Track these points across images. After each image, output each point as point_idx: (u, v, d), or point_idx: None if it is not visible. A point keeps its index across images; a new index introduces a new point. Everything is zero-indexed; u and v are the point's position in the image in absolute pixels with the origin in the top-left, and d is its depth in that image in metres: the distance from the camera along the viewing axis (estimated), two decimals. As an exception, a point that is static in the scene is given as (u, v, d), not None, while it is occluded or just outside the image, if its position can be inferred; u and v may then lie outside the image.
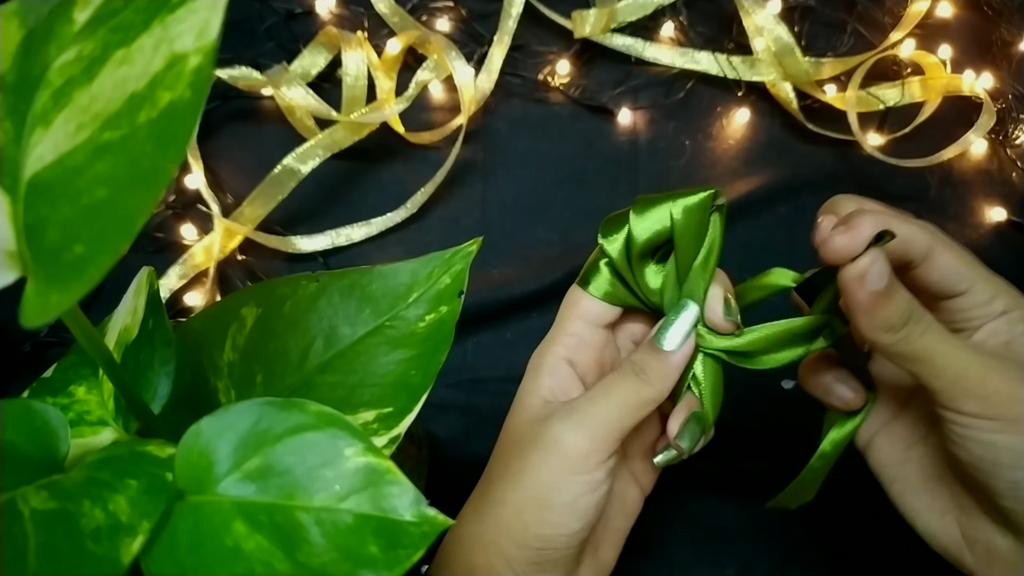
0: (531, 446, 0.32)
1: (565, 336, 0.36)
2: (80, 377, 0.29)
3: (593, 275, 0.36)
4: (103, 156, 0.18)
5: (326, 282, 0.30)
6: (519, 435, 0.34)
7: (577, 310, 0.36)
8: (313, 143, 0.51)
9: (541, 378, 0.35)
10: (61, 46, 0.20)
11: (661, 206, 0.34)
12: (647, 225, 0.34)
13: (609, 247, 0.35)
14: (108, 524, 0.20)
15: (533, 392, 0.35)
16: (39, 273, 0.17)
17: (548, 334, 0.37)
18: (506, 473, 0.33)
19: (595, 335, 0.36)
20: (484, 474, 0.35)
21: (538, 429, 0.33)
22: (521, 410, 0.35)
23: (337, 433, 0.21)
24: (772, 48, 0.52)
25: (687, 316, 0.34)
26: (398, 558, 0.20)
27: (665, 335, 0.34)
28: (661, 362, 0.33)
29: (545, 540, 0.31)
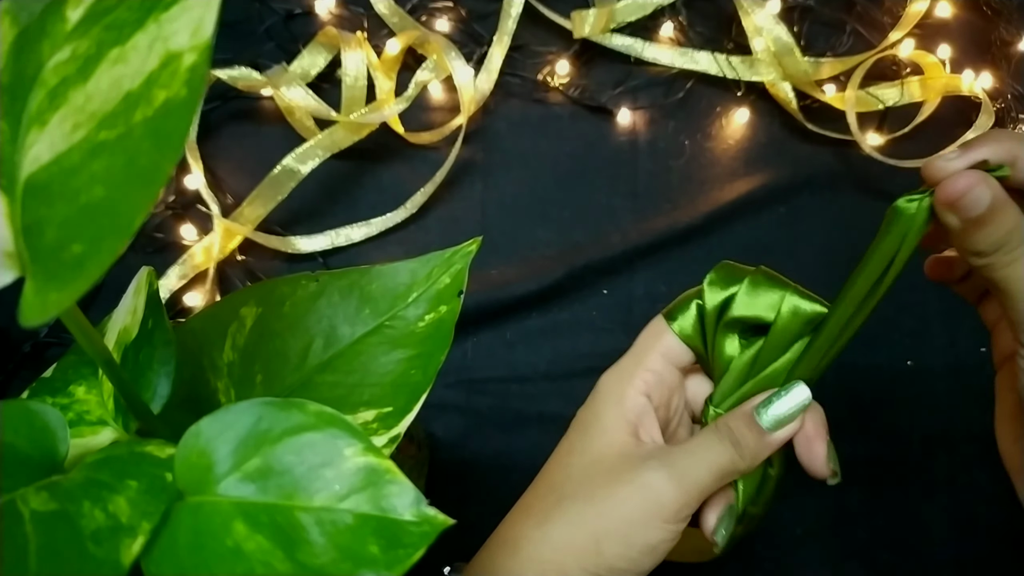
0: (622, 481, 0.32)
1: (647, 371, 0.35)
2: (80, 377, 0.29)
3: (681, 312, 0.36)
4: (100, 155, 0.18)
5: (326, 282, 0.30)
6: (607, 464, 0.33)
7: (660, 345, 0.36)
8: (313, 143, 0.51)
9: (627, 412, 0.34)
10: (55, 45, 0.20)
11: (774, 293, 0.34)
12: (755, 306, 0.34)
13: (709, 296, 0.35)
14: (108, 525, 0.20)
15: (618, 424, 0.34)
16: (37, 273, 0.17)
17: (626, 362, 0.36)
18: (588, 497, 0.33)
19: (672, 376, 0.36)
20: (549, 490, 0.35)
21: (631, 467, 0.33)
22: (607, 440, 0.34)
23: (337, 433, 0.21)
24: (771, 48, 0.52)
25: (795, 397, 0.33)
26: (398, 558, 0.20)
27: (767, 411, 0.33)
28: (758, 440, 0.33)
29: (616, 573, 0.32)
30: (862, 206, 0.53)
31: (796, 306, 0.34)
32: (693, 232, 0.52)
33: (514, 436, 0.50)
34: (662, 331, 0.36)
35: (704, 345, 0.35)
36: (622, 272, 0.52)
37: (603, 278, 0.52)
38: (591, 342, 0.51)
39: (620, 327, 0.51)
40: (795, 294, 0.34)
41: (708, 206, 0.52)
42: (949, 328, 0.51)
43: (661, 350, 0.36)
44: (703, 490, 0.32)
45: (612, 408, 0.35)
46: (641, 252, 0.52)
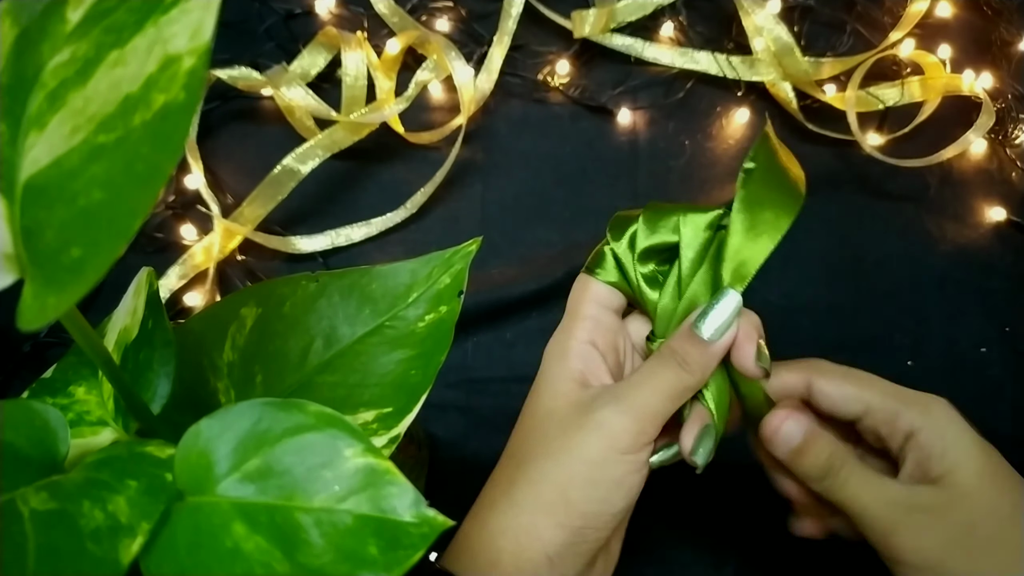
0: (575, 427, 0.33)
1: (583, 319, 0.36)
2: (80, 377, 0.29)
3: (600, 263, 0.37)
4: (98, 158, 0.18)
5: (326, 282, 0.30)
6: (558, 417, 0.34)
7: (589, 294, 0.36)
8: (313, 143, 0.51)
9: (570, 362, 0.35)
10: (55, 46, 0.20)
11: (670, 217, 0.36)
12: (655, 234, 0.36)
13: (616, 245, 0.36)
14: (108, 525, 0.20)
15: (563, 376, 0.35)
16: (36, 276, 0.17)
17: (563, 322, 0.37)
18: (546, 452, 0.33)
19: (609, 318, 0.36)
20: (509, 459, 0.35)
21: (582, 412, 0.33)
22: (554, 394, 0.35)
23: (337, 434, 0.21)
24: (772, 48, 0.52)
25: (727, 304, 0.34)
26: (398, 559, 0.20)
27: (703, 322, 0.33)
28: (702, 352, 0.33)
29: (589, 518, 0.32)
30: (862, 206, 0.53)
31: (693, 219, 0.35)
32: (693, 232, 0.52)
33: (514, 436, 0.50)
34: (587, 283, 0.37)
35: (631, 287, 0.36)
36: (622, 272, 0.52)
37: (603, 278, 0.52)
38: (591, 342, 0.51)
39: (620, 327, 0.51)
40: (688, 210, 0.35)
41: (708, 206, 0.52)
42: (949, 328, 0.51)
43: (591, 298, 0.36)
44: (656, 414, 0.33)
45: (556, 364, 0.35)
46: (641, 252, 0.52)
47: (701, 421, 0.34)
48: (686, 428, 0.34)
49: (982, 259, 0.52)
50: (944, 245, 0.52)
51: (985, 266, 0.52)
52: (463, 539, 0.34)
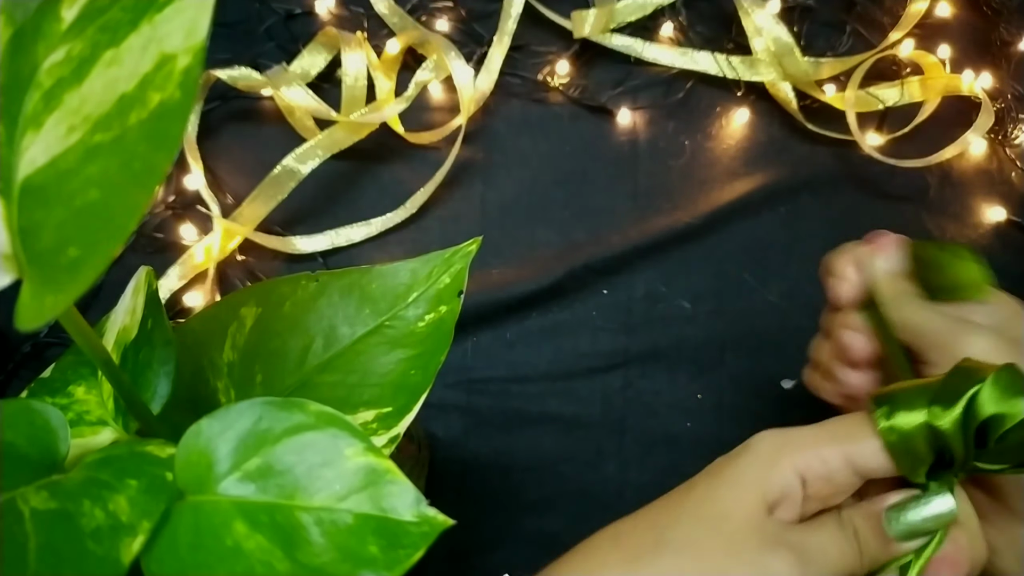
0: (742, 560, 0.28)
1: (815, 456, 0.29)
2: (79, 377, 0.29)
3: (902, 411, 0.28)
4: (95, 158, 0.18)
5: (326, 282, 0.30)
6: (727, 528, 0.29)
7: (850, 448, 0.29)
8: (313, 143, 0.51)
9: (771, 478, 0.29)
10: (50, 45, 0.20)
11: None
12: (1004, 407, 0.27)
13: (941, 420, 0.27)
14: (108, 524, 0.20)
15: (756, 487, 0.29)
16: (34, 276, 0.17)
17: (802, 431, 0.30)
18: (697, 556, 0.28)
19: (847, 481, 0.29)
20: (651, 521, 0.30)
21: (756, 545, 0.28)
22: (736, 499, 0.29)
23: (337, 433, 0.21)
24: (771, 48, 0.52)
25: (937, 509, 0.28)
26: (398, 558, 0.20)
27: (899, 518, 0.28)
28: (881, 548, 0.29)
29: None
30: (862, 206, 0.53)
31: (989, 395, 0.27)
32: (693, 232, 0.52)
33: (514, 436, 0.50)
34: (859, 432, 0.29)
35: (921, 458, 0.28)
36: (622, 272, 0.52)
37: (603, 278, 0.52)
38: (591, 342, 0.51)
39: (620, 327, 0.51)
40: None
41: (708, 206, 0.52)
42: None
43: (849, 452, 0.29)
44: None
45: (757, 468, 0.29)
46: (641, 252, 0.52)
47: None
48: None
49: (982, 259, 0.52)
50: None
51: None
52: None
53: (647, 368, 0.51)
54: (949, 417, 0.27)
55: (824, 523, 0.29)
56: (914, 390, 0.29)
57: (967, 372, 0.28)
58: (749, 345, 0.51)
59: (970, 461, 0.28)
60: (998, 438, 0.27)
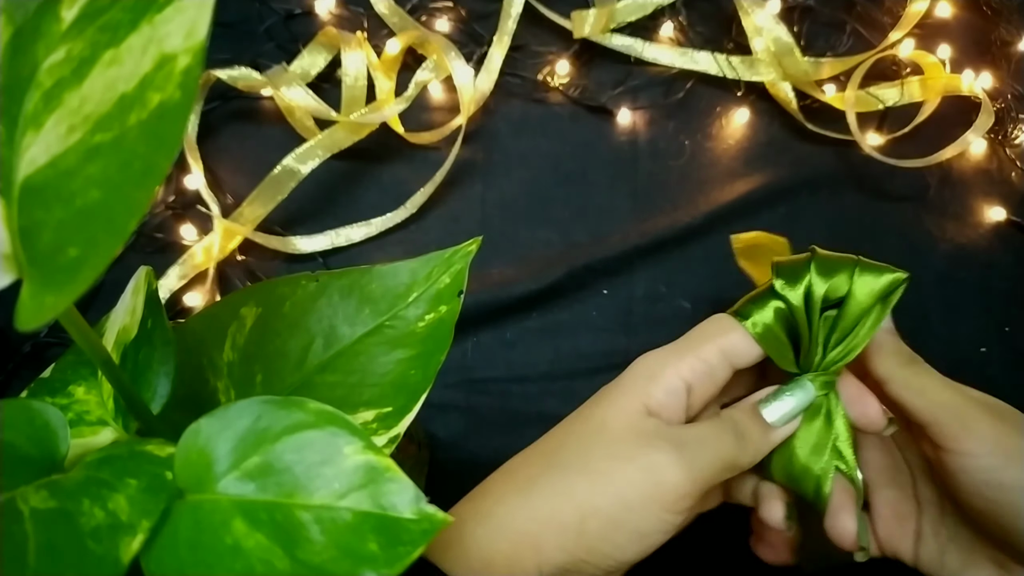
0: (623, 458, 0.30)
1: (696, 360, 0.32)
2: (79, 377, 0.29)
3: (756, 310, 0.33)
4: (95, 158, 0.18)
5: (326, 282, 0.30)
6: (610, 435, 0.31)
7: (723, 341, 0.33)
8: (313, 143, 0.51)
9: (654, 388, 0.32)
10: (50, 45, 0.20)
11: (843, 272, 0.33)
12: (828, 282, 0.33)
13: (788, 293, 0.33)
14: (108, 523, 0.20)
15: (637, 395, 0.32)
16: (34, 276, 0.17)
17: (674, 345, 0.33)
18: (582, 468, 0.30)
19: (725, 374, 0.33)
20: (538, 455, 0.32)
21: (637, 443, 0.30)
22: (618, 409, 0.31)
23: (336, 431, 0.21)
24: (771, 48, 0.52)
25: (800, 397, 0.32)
26: (398, 555, 0.20)
27: (770, 406, 0.32)
28: (761, 435, 0.31)
29: (595, 555, 0.29)
30: (862, 206, 0.53)
31: (869, 285, 0.33)
32: (693, 232, 0.52)
33: (514, 436, 0.49)
34: (729, 328, 0.33)
35: (784, 343, 0.33)
36: (622, 272, 0.52)
37: (603, 278, 0.52)
38: (591, 342, 0.51)
39: (620, 327, 0.51)
40: (865, 270, 0.33)
41: (708, 206, 0.52)
42: (949, 328, 0.51)
43: (724, 345, 0.32)
44: (707, 482, 0.30)
45: (636, 383, 0.32)
46: (641, 252, 0.52)
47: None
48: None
49: (982, 259, 0.52)
50: (944, 245, 0.52)
51: (985, 266, 0.52)
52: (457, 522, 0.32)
53: (647, 368, 0.51)
54: (795, 294, 0.33)
55: (704, 419, 0.32)
56: (761, 293, 0.34)
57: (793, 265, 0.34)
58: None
59: (816, 339, 0.33)
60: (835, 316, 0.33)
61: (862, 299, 0.33)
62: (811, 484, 0.33)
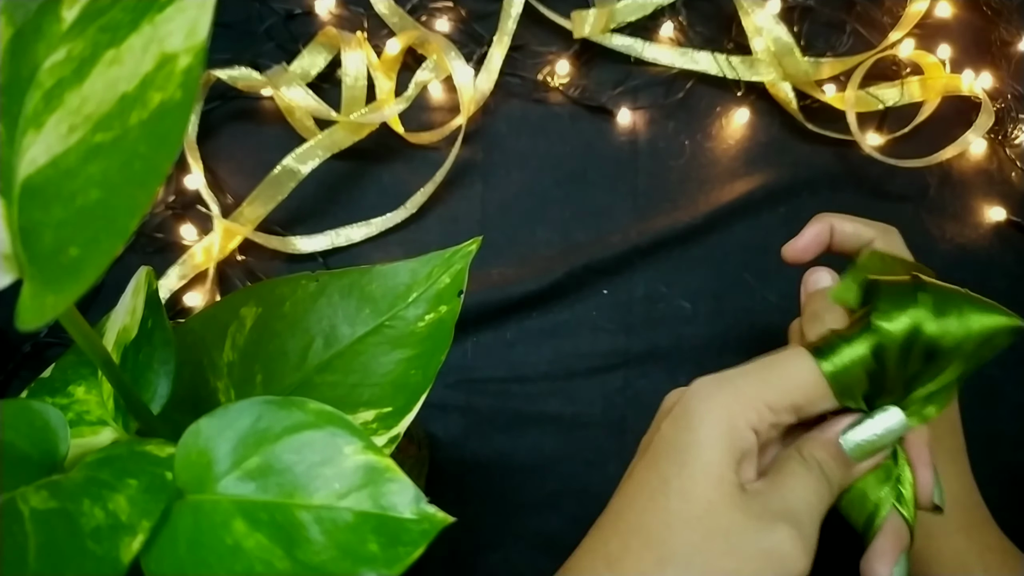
0: (747, 553, 0.27)
1: (766, 408, 0.29)
2: (79, 377, 0.29)
3: (837, 353, 0.29)
4: (95, 158, 0.18)
5: (326, 282, 0.30)
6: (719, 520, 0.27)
7: (798, 391, 0.29)
8: (313, 143, 0.51)
9: (732, 443, 0.28)
10: (51, 46, 0.20)
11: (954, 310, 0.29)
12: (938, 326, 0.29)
13: (887, 325, 0.29)
14: (108, 523, 0.20)
15: (725, 462, 0.28)
16: (35, 276, 0.17)
17: (743, 382, 0.29)
18: (705, 569, 0.27)
19: (789, 421, 0.30)
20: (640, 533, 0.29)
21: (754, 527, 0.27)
22: (712, 482, 0.28)
23: (336, 431, 0.21)
24: (771, 48, 0.52)
25: (886, 423, 0.29)
26: (398, 556, 0.20)
27: (853, 436, 0.29)
28: (844, 472, 0.29)
29: None
30: (862, 206, 0.53)
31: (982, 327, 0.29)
32: (693, 232, 0.52)
33: (514, 436, 0.50)
34: (806, 374, 0.29)
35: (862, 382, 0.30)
36: (622, 272, 0.52)
37: (603, 278, 0.52)
38: (591, 342, 0.51)
39: (620, 327, 0.51)
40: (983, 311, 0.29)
41: (708, 206, 0.52)
42: (949, 328, 0.51)
43: (798, 396, 0.29)
44: (814, 543, 0.28)
45: (718, 439, 0.28)
46: (641, 252, 0.52)
47: (898, 542, 0.29)
48: (879, 553, 0.29)
49: (982, 259, 0.52)
50: (944, 245, 0.52)
51: (985, 266, 0.52)
52: None
53: (647, 368, 0.51)
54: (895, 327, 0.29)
55: (792, 470, 0.29)
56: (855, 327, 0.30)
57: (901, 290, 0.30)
58: (749, 345, 0.51)
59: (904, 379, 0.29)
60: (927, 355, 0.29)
61: (968, 345, 0.29)
62: (863, 514, 0.30)
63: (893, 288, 0.30)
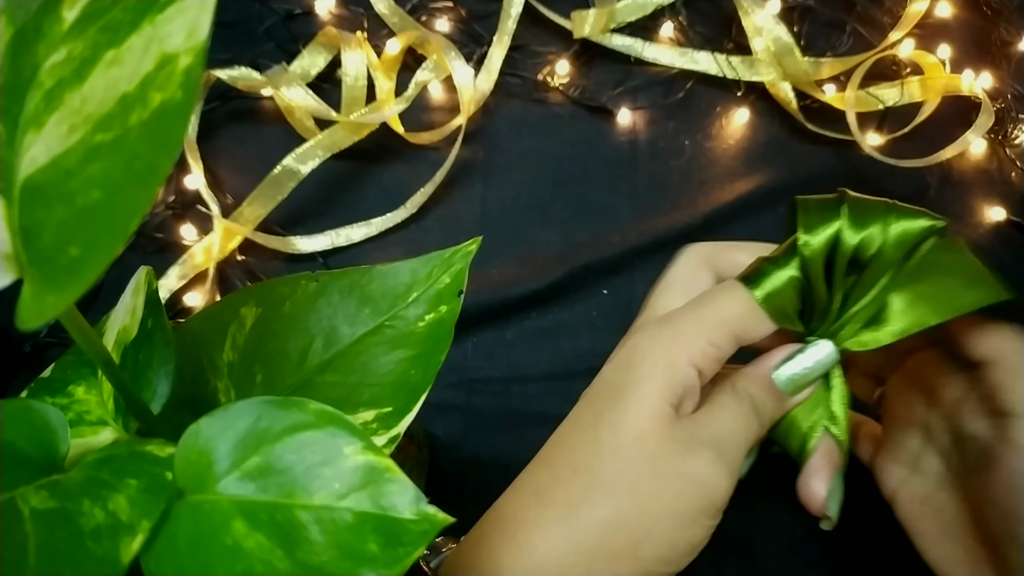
0: (671, 474, 0.28)
1: (707, 344, 0.29)
2: (79, 377, 0.29)
3: (767, 277, 0.30)
4: (96, 158, 0.18)
5: (326, 282, 0.30)
6: (649, 446, 0.28)
7: (734, 323, 0.30)
8: (313, 143, 0.51)
9: (673, 381, 0.29)
10: (51, 45, 0.20)
11: (877, 221, 0.30)
12: (861, 232, 0.29)
13: (810, 240, 0.29)
14: (108, 523, 0.20)
15: (661, 396, 0.29)
16: (35, 275, 0.17)
17: (681, 321, 0.30)
18: (632, 492, 0.28)
19: (732, 352, 0.30)
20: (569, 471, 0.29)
21: (681, 454, 0.28)
22: (650, 413, 0.29)
23: (336, 432, 0.21)
24: (771, 48, 0.52)
25: (817, 355, 0.30)
26: (398, 556, 0.20)
27: (785, 371, 0.30)
28: (776, 406, 0.30)
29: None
30: (862, 206, 0.53)
31: (903, 224, 0.29)
32: (693, 232, 0.52)
33: (514, 436, 0.50)
34: (739, 302, 0.30)
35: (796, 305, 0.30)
36: (622, 272, 0.52)
37: (603, 278, 0.52)
38: (591, 342, 0.51)
39: (620, 327, 0.51)
40: (902, 215, 0.30)
41: (708, 206, 0.52)
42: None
43: (734, 327, 0.30)
44: (739, 466, 0.29)
45: (657, 375, 0.29)
46: (641, 252, 0.52)
47: (830, 459, 0.30)
48: (814, 471, 0.30)
49: (982, 259, 0.52)
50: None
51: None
52: (486, 551, 0.29)
53: (647, 368, 0.51)
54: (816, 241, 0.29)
55: (723, 403, 0.30)
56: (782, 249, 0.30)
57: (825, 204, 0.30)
58: (749, 345, 0.51)
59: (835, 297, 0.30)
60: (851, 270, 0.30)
61: (891, 251, 0.29)
62: (796, 439, 0.31)
63: (817, 204, 0.31)
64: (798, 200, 0.31)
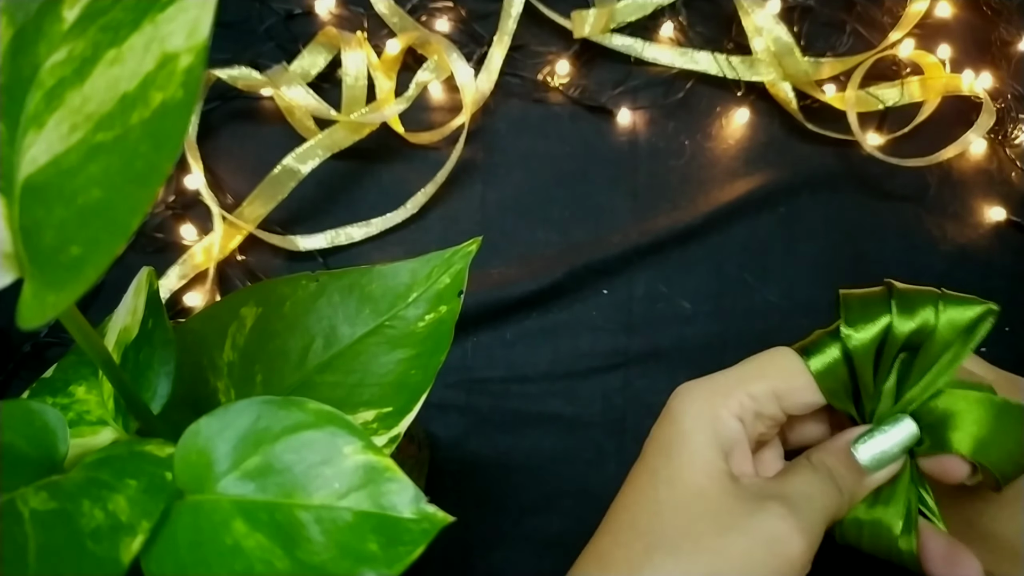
0: (737, 529, 0.26)
1: (745, 395, 0.29)
2: (80, 377, 0.29)
3: (818, 353, 0.30)
4: (97, 157, 0.18)
5: (326, 282, 0.30)
6: (709, 504, 0.27)
7: (778, 377, 0.30)
8: (313, 143, 0.51)
9: (719, 434, 0.28)
10: (52, 45, 0.20)
11: (927, 307, 0.30)
12: (913, 323, 0.30)
13: (855, 335, 0.30)
14: (108, 524, 0.20)
15: (711, 449, 0.28)
16: (36, 275, 0.17)
17: (721, 377, 0.30)
18: (695, 549, 0.26)
19: (774, 417, 0.30)
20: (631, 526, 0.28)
21: (744, 510, 0.27)
22: (700, 470, 0.28)
23: (336, 431, 0.21)
24: (771, 48, 0.52)
25: (899, 433, 0.29)
26: (398, 555, 0.20)
27: (864, 446, 0.29)
28: (856, 479, 0.29)
29: None
30: (862, 206, 0.53)
31: (951, 316, 0.30)
32: (693, 232, 0.52)
33: (514, 436, 0.50)
34: (786, 364, 0.30)
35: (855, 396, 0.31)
36: (622, 272, 0.52)
37: (603, 278, 0.52)
38: (591, 342, 0.51)
39: (620, 327, 0.51)
40: (948, 303, 0.30)
41: (708, 206, 0.52)
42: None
43: (776, 385, 0.29)
44: (819, 540, 0.27)
45: (702, 429, 0.28)
46: (641, 252, 0.52)
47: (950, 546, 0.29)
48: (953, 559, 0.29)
49: (982, 259, 0.52)
50: (944, 245, 0.52)
51: (985, 266, 0.52)
52: None
53: (647, 368, 0.51)
54: (863, 335, 0.30)
55: (797, 470, 0.29)
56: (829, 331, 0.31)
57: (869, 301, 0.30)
58: (749, 345, 0.51)
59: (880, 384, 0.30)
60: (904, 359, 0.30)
61: (945, 334, 0.30)
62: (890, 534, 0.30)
63: (859, 301, 0.31)
64: (840, 295, 0.31)
